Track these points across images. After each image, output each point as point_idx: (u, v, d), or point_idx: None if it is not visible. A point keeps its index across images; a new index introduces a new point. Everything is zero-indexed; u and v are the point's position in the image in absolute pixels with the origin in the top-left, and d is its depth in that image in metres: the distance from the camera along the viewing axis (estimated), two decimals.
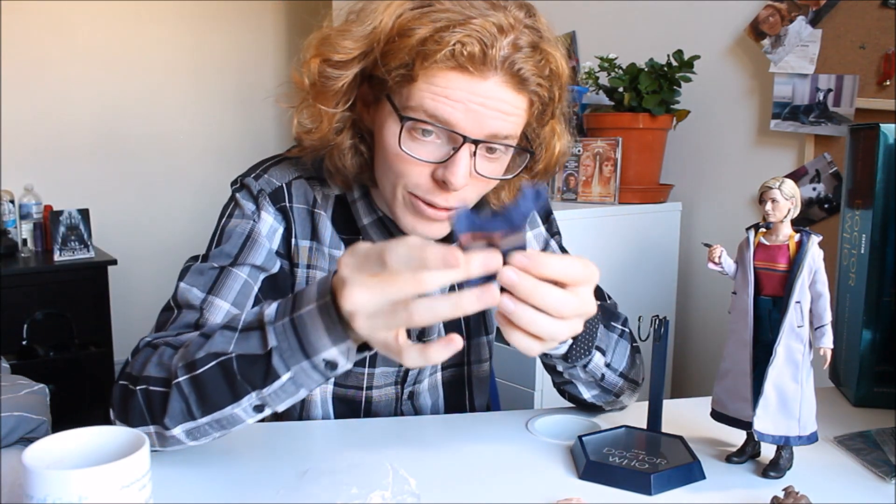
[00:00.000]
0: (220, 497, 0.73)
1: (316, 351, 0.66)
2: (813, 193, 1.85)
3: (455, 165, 0.77)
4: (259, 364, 0.68)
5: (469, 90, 0.75)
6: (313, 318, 0.65)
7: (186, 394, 0.71)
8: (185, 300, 0.85)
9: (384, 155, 0.82)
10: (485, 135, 0.78)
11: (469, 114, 0.76)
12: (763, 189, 0.75)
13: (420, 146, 0.78)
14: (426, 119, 0.77)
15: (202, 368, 0.70)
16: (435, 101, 0.76)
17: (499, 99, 0.77)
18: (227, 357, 0.69)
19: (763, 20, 1.90)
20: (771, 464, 0.77)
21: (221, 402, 0.70)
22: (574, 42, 2.44)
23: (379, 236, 0.92)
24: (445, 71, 0.75)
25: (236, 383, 0.69)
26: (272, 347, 0.67)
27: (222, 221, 0.91)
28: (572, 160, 2.05)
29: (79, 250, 2.78)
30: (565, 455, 0.83)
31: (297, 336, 0.66)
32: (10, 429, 0.82)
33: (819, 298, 0.74)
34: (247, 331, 0.70)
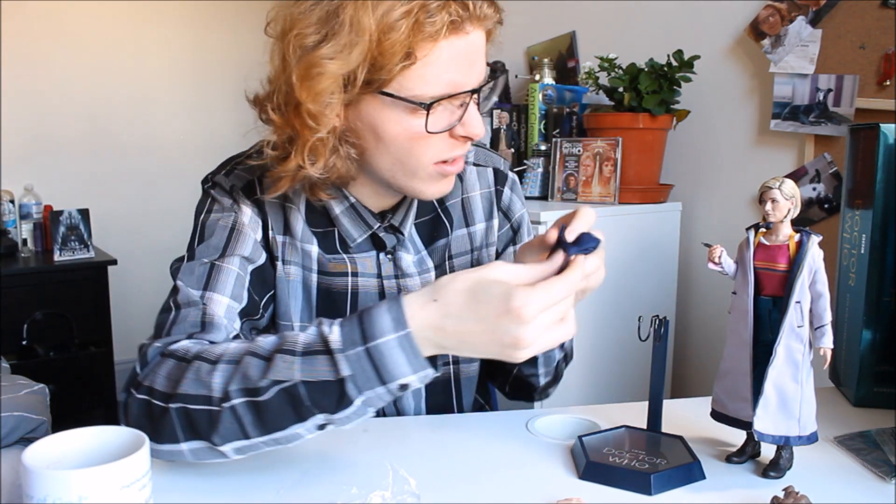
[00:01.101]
0: (220, 497, 0.73)
1: (393, 378, 0.67)
2: (813, 193, 1.85)
3: (472, 120, 0.80)
4: (331, 391, 0.68)
5: (465, 49, 0.77)
6: (392, 350, 0.67)
7: (241, 415, 0.70)
8: (185, 299, 0.84)
9: (396, 146, 0.81)
10: (480, 82, 0.81)
11: (471, 70, 0.79)
12: (763, 189, 0.75)
13: (436, 120, 0.79)
14: (447, 94, 0.77)
15: (266, 396, 0.69)
16: (439, 73, 0.76)
17: (479, 46, 0.80)
18: (293, 384, 0.69)
19: (763, 20, 1.90)
20: (771, 464, 0.77)
21: (284, 424, 0.70)
22: (574, 42, 2.44)
23: (352, 224, 0.91)
24: (441, 41, 0.75)
25: (304, 408, 0.69)
26: (346, 376, 0.67)
27: (201, 218, 0.90)
28: (572, 160, 2.05)
29: (79, 250, 2.78)
30: (565, 455, 0.83)
31: (375, 366, 0.67)
32: (10, 429, 0.82)
33: (819, 298, 0.74)
34: (310, 355, 0.69)
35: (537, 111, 2.22)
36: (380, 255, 0.94)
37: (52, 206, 2.89)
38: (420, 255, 0.96)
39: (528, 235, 1.05)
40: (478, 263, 1.00)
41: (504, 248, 1.04)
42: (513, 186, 1.04)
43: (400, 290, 0.94)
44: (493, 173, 1.03)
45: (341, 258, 0.92)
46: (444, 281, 0.68)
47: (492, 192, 1.02)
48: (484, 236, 1.01)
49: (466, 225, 1.00)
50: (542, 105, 2.22)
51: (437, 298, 0.67)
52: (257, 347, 0.72)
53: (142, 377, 0.77)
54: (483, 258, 1.01)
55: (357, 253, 0.93)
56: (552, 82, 2.28)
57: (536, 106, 2.22)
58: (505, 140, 2.27)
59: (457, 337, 0.67)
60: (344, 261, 0.92)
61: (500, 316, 0.65)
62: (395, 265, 0.94)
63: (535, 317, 0.64)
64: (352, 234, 0.91)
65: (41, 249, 2.89)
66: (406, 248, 0.95)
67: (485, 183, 1.02)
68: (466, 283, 0.67)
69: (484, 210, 1.01)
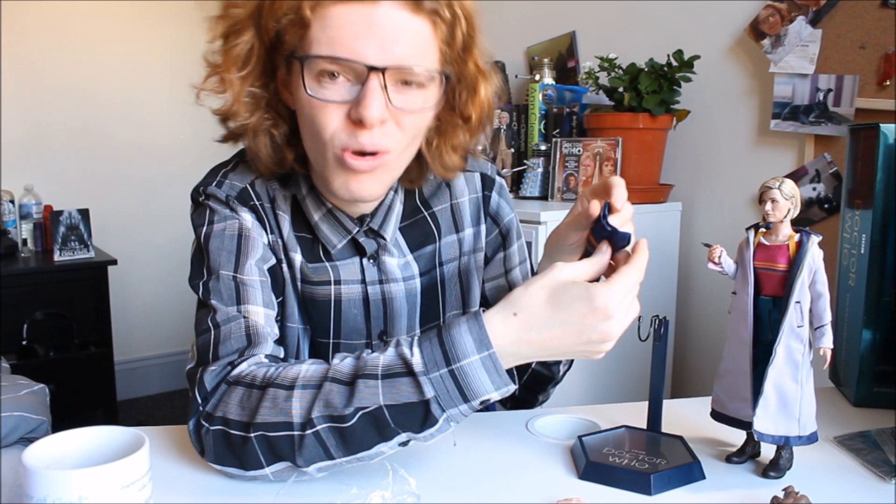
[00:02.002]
0: (220, 497, 0.73)
1: (477, 396, 0.69)
2: (813, 193, 1.85)
3: (367, 98, 0.75)
4: (415, 411, 0.69)
5: (364, 19, 0.74)
6: (476, 370, 0.69)
7: (325, 439, 0.70)
8: (223, 317, 0.83)
9: (303, 117, 0.81)
10: (390, 63, 0.75)
11: (369, 42, 0.74)
12: (763, 189, 0.75)
13: (329, 90, 0.76)
14: (327, 55, 0.75)
15: (350, 422, 0.70)
16: (332, 37, 0.75)
17: (396, 24, 0.75)
18: (377, 407, 0.69)
19: (763, 20, 1.90)
20: (771, 464, 0.77)
21: (368, 445, 0.71)
22: (574, 42, 2.44)
23: (330, 230, 0.90)
24: (335, 4, 0.74)
25: (388, 429, 0.70)
26: (430, 397, 0.69)
27: (204, 230, 0.88)
28: (572, 160, 2.05)
29: (79, 250, 2.78)
30: (565, 455, 0.83)
31: (458, 386, 0.69)
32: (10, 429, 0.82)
33: (819, 298, 0.74)
34: (391, 377, 0.70)
35: (537, 111, 2.22)
36: (362, 260, 0.92)
37: (52, 206, 2.89)
38: (405, 259, 0.95)
39: (518, 239, 1.03)
40: (465, 269, 0.99)
41: (494, 253, 1.02)
42: (500, 191, 1.02)
43: (384, 295, 0.93)
44: (481, 178, 1.01)
45: (323, 266, 0.91)
46: (518, 293, 0.70)
47: (479, 197, 1.01)
48: (472, 242, 1.00)
49: (456, 231, 0.99)
50: (542, 105, 2.22)
51: (517, 312, 0.69)
52: (336, 372, 0.72)
53: (211, 407, 0.76)
54: (470, 264, 1.00)
55: (339, 260, 0.92)
56: (552, 82, 2.28)
57: (536, 106, 2.22)
58: (505, 140, 2.27)
59: (540, 345, 0.70)
60: (326, 269, 0.91)
61: (585, 316, 0.68)
62: (380, 269, 0.93)
63: (618, 310, 0.68)
64: (331, 240, 0.90)
65: (41, 249, 2.89)
66: (390, 253, 0.93)
67: (472, 188, 1.00)
68: (543, 291, 0.69)
69: (472, 216, 1.00)
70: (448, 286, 0.98)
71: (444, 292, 0.98)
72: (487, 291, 1.03)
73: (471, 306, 1.00)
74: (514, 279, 1.02)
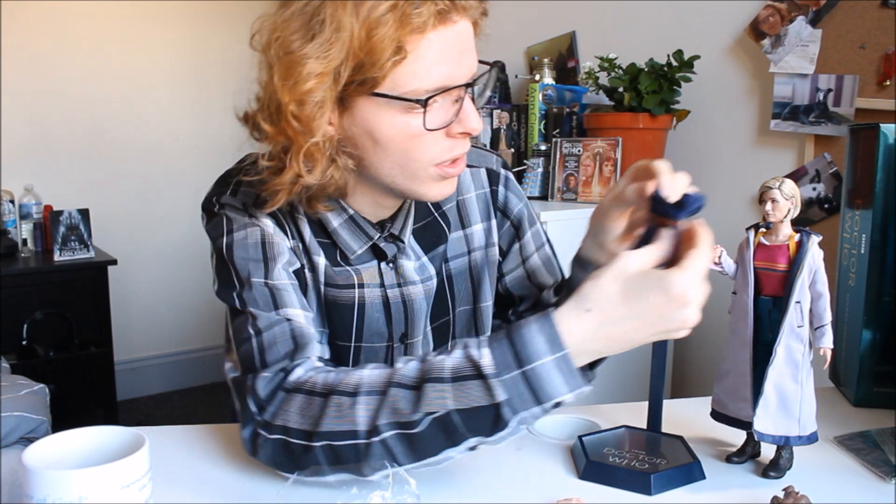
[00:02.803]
0: (221, 497, 0.73)
1: (550, 398, 0.68)
2: (813, 193, 1.85)
3: (469, 114, 0.78)
4: (486, 415, 0.68)
5: (455, 40, 0.76)
6: (549, 372, 0.67)
7: (392, 446, 0.69)
8: (265, 323, 0.80)
9: (393, 148, 0.79)
10: (472, 75, 0.79)
11: (462, 61, 0.77)
12: (763, 189, 0.75)
13: (433, 117, 0.77)
14: (442, 88, 0.75)
15: (419, 428, 0.69)
16: (441, 65, 0.75)
17: (468, 36, 0.78)
18: (446, 412, 0.68)
19: (763, 20, 1.90)
20: (771, 464, 0.77)
21: (436, 451, 0.70)
22: (574, 42, 2.44)
23: (351, 236, 0.89)
24: (429, 33, 0.74)
25: (458, 434, 0.69)
26: (502, 400, 0.67)
27: (224, 240, 0.85)
28: (572, 160, 2.05)
29: (79, 250, 2.78)
30: (565, 455, 0.83)
31: (531, 388, 0.68)
32: (10, 429, 0.82)
33: (819, 298, 0.74)
34: (461, 380, 0.69)
35: (537, 111, 2.22)
36: (381, 264, 0.92)
37: (52, 206, 2.88)
38: (421, 261, 0.94)
39: (532, 226, 1.03)
40: (475, 264, 0.99)
41: (509, 245, 1.02)
42: (507, 184, 1.02)
43: (404, 298, 0.93)
44: (487, 174, 1.01)
45: (346, 270, 0.90)
46: (588, 288, 0.69)
47: (487, 192, 1.01)
48: (484, 237, 1.00)
49: (463, 227, 0.99)
50: (542, 105, 2.22)
51: (591, 308, 0.68)
52: (401, 377, 0.71)
53: (269, 416, 0.74)
54: (482, 259, 1.00)
55: (359, 264, 0.91)
56: (552, 82, 2.28)
57: (536, 106, 2.22)
58: (505, 140, 2.27)
59: (617, 339, 0.69)
60: (349, 273, 0.90)
61: (663, 306, 0.66)
62: (398, 273, 0.92)
63: (696, 295, 0.67)
64: (351, 246, 0.89)
65: (41, 249, 2.89)
66: (407, 256, 0.93)
67: (479, 184, 1.01)
68: (615, 284, 0.68)
69: (481, 212, 1.00)
70: (457, 282, 0.98)
71: (453, 288, 0.98)
72: (508, 283, 1.03)
73: (481, 301, 1.01)
74: (532, 266, 1.02)
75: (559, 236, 1.09)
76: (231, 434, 0.88)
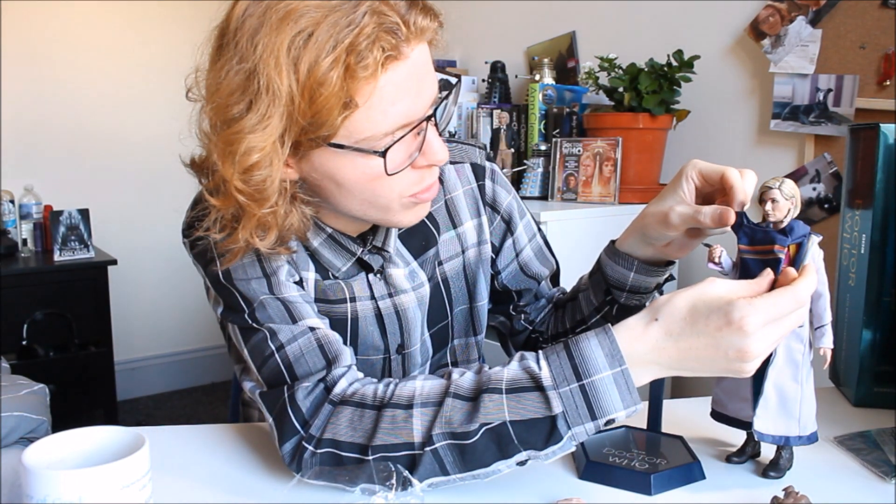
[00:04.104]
0: (221, 497, 0.73)
1: (605, 414, 0.68)
2: (813, 193, 1.85)
3: (433, 147, 0.75)
4: (541, 427, 0.68)
5: (409, 74, 0.70)
6: (607, 387, 0.67)
7: (443, 456, 0.69)
8: (286, 337, 0.78)
9: (359, 190, 0.75)
10: (432, 101, 0.75)
11: (420, 92, 0.72)
12: (763, 189, 0.75)
13: (394, 157, 0.73)
14: (400, 126, 0.71)
15: (473, 439, 0.68)
16: (393, 108, 0.70)
17: (425, 59, 0.73)
18: (501, 423, 0.68)
19: (763, 20, 1.90)
20: (771, 464, 0.77)
21: (487, 462, 0.69)
22: (574, 42, 2.44)
23: (333, 254, 0.86)
24: (380, 77, 0.68)
25: (511, 446, 0.69)
26: (558, 413, 0.67)
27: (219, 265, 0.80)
28: (572, 160, 2.05)
29: (79, 250, 2.78)
30: (565, 455, 0.83)
31: (588, 402, 0.67)
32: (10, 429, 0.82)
33: (819, 298, 0.74)
34: (517, 392, 0.69)
35: (537, 111, 2.22)
36: (369, 276, 0.90)
37: (52, 206, 2.89)
38: (410, 266, 0.92)
39: (523, 218, 1.01)
40: (469, 263, 0.98)
41: (501, 241, 1.01)
42: (493, 177, 1.00)
43: (396, 309, 0.91)
44: (472, 169, 0.99)
45: (338, 283, 0.88)
46: (662, 300, 0.68)
47: (474, 188, 0.98)
48: (476, 234, 0.98)
49: (454, 226, 0.97)
50: (542, 105, 2.22)
51: (659, 317, 0.67)
52: (457, 388, 0.71)
53: (316, 430, 0.73)
54: (475, 257, 0.98)
55: (347, 278, 0.89)
56: (552, 82, 2.28)
57: (536, 106, 2.22)
58: (505, 140, 2.27)
59: (677, 355, 0.67)
60: (341, 286, 0.88)
61: (720, 329, 0.65)
62: (387, 283, 0.90)
63: (758, 328, 0.64)
64: (335, 264, 0.87)
65: (41, 249, 2.89)
66: (395, 264, 0.91)
67: (465, 180, 0.98)
68: (688, 300, 0.67)
69: (470, 208, 0.98)
70: (453, 284, 0.97)
71: (450, 290, 0.97)
72: (505, 279, 1.02)
73: (477, 301, 0.99)
74: (525, 259, 1.01)
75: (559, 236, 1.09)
76: (231, 434, 0.88)
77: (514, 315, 1.05)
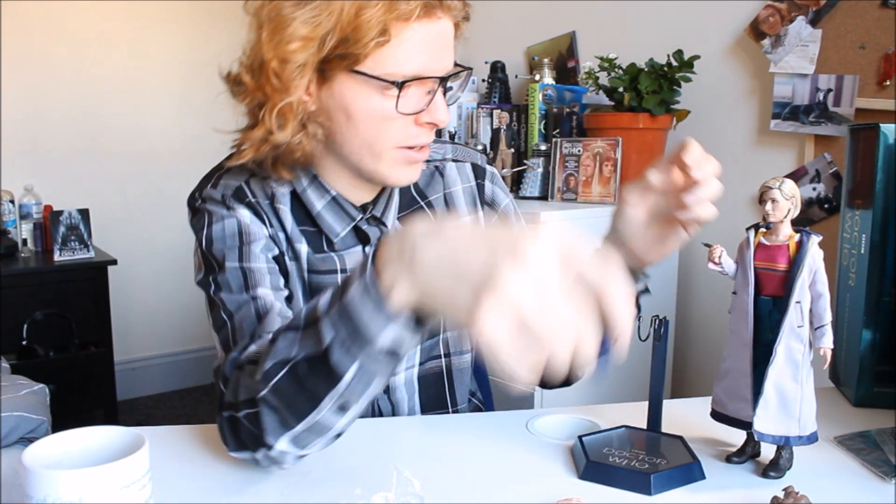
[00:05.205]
0: (222, 497, 0.73)
1: (373, 335, 0.60)
2: (813, 193, 1.85)
3: (438, 106, 0.83)
4: (322, 362, 0.63)
5: (435, 35, 0.80)
6: (360, 299, 0.59)
7: (274, 405, 0.67)
8: (234, 306, 0.83)
9: (364, 126, 0.82)
10: (448, 71, 0.84)
11: (440, 57, 0.82)
12: (763, 189, 0.75)
13: (405, 102, 0.81)
14: (418, 76, 0.79)
15: (275, 378, 0.66)
16: (420, 55, 0.79)
17: (449, 34, 0.83)
18: (294, 362, 0.65)
19: (763, 20, 1.90)
20: (771, 464, 0.77)
21: (305, 410, 0.66)
22: (574, 42, 2.44)
23: (334, 218, 0.91)
24: (414, 23, 0.78)
25: (308, 388, 0.65)
26: (327, 345, 0.62)
27: (204, 233, 0.88)
28: (572, 160, 2.05)
29: (79, 250, 2.78)
30: (565, 455, 0.83)
31: (351, 322, 0.60)
32: (10, 429, 0.82)
33: (819, 298, 0.74)
34: (306, 328, 0.65)
35: (537, 111, 2.22)
36: (365, 248, 0.94)
37: (52, 206, 2.89)
38: None
39: (518, 222, 1.06)
40: None
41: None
42: (493, 179, 1.05)
43: None
44: (472, 168, 1.04)
45: (329, 256, 0.92)
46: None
47: (473, 186, 1.03)
48: None
49: None
50: (542, 105, 2.22)
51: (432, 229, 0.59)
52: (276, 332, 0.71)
53: (228, 397, 0.74)
54: None
55: (343, 250, 0.93)
56: (552, 82, 2.28)
57: (536, 106, 2.22)
58: (505, 140, 2.27)
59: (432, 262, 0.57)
60: (332, 259, 0.93)
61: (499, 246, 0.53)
62: None
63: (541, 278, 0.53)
64: (334, 228, 0.91)
65: (41, 249, 2.89)
66: None
67: (465, 178, 1.03)
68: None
69: (468, 204, 1.02)
70: None
71: None
72: None
73: None
74: None
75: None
76: None
77: None
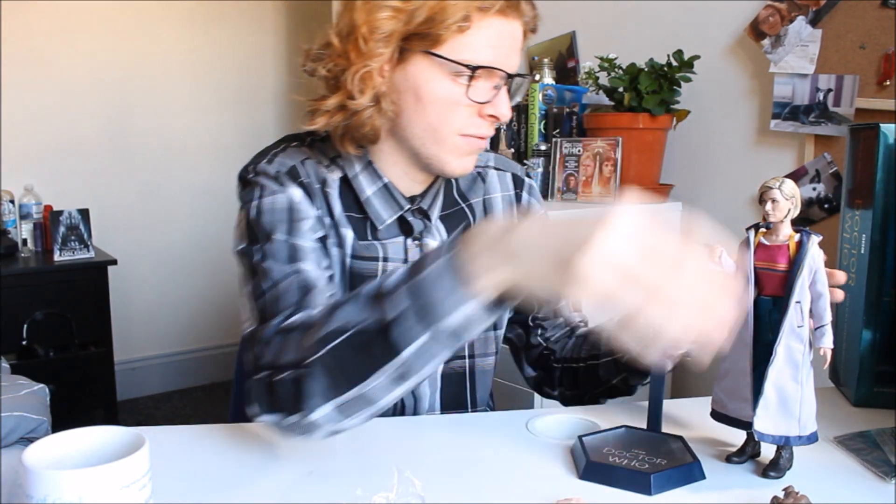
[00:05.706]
0: (223, 497, 0.73)
1: (445, 313, 0.63)
2: (813, 193, 1.85)
3: (503, 101, 0.89)
4: (386, 333, 0.65)
5: (508, 34, 0.86)
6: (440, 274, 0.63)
7: (330, 367, 0.68)
8: (279, 275, 0.84)
9: (432, 109, 0.87)
10: (515, 70, 0.89)
11: (511, 54, 0.87)
12: (763, 189, 0.75)
13: (474, 91, 0.86)
14: (491, 66, 0.84)
15: (333, 342, 0.68)
16: (493, 48, 0.85)
17: (519, 38, 0.89)
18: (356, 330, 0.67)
19: (763, 20, 1.90)
20: (771, 464, 0.77)
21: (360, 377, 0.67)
22: (574, 42, 2.44)
23: (383, 205, 0.94)
24: (493, 18, 0.84)
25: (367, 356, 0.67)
26: (393, 317, 0.64)
27: (254, 204, 0.89)
28: (572, 160, 2.05)
29: (79, 250, 2.78)
30: (565, 455, 0.83)
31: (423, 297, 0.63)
32: (10, 429, 0.82)
33: (819, 298, 0.74)
34: (372, 301, 0.67)
35: (537, 111, 2.22)
36: (407, 240, 0.96)
37: (52, 206, 2.88)
38: None
39: None
40: None
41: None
42: (531, 191, 1.10)
43: None
44: (512, 178, 1.09)
45: (373, 244, 0.95)
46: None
47: (511, 195, 1.08)
48: None
49: None
50: (542, 105, 2.22)
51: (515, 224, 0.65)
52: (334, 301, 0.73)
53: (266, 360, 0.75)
54: None
55: (386, 238, 0.95)
56: (552, 82, 2.28)
57: (536, 106, 2.22)
58: (505, 140, 2.27)
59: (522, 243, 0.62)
60: (375, 247, 0.95)
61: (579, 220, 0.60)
62: (422, 251, 0.96)
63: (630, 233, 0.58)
64: (381, 215, 0.94)
65: (41, 249, 2.89)
66: (432, 236, 0.98)
67: (505, 187, 1.08)
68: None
69: (504, 211, 1.06)
70: None
71: None
72: None
73: None
74: None
75: None
76: (231, 434, 0.88)
77: (531, 327, 1.10)
